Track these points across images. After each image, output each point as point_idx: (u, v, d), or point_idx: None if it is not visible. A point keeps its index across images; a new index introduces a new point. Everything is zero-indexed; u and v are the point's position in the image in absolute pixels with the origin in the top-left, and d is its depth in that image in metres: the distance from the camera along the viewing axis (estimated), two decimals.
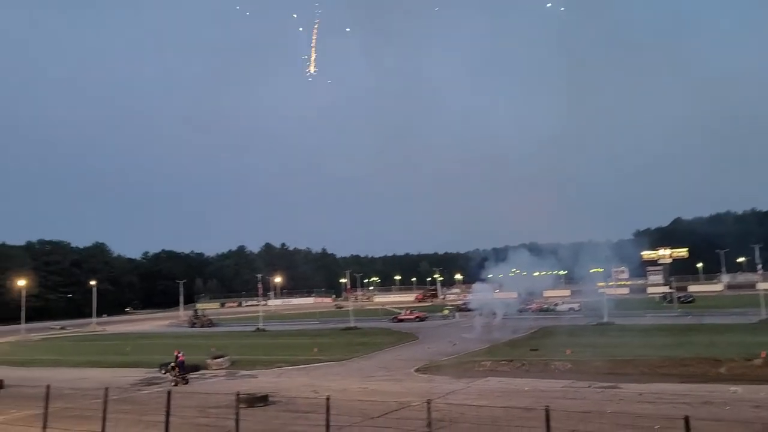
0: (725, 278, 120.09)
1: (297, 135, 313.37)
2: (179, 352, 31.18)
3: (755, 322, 47.56)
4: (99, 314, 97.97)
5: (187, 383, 29.74)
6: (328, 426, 11.58)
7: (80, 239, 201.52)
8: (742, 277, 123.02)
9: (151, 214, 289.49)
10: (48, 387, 15.09)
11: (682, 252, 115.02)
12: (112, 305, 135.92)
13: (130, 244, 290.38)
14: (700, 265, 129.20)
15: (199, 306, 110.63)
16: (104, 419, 13.71)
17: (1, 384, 27.69)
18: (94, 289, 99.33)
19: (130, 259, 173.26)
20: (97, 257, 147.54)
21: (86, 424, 16.11)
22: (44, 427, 14.50)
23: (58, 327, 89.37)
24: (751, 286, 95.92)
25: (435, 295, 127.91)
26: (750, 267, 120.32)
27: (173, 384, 29.05)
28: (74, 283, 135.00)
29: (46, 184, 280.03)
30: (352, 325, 63.03)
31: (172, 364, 30.71)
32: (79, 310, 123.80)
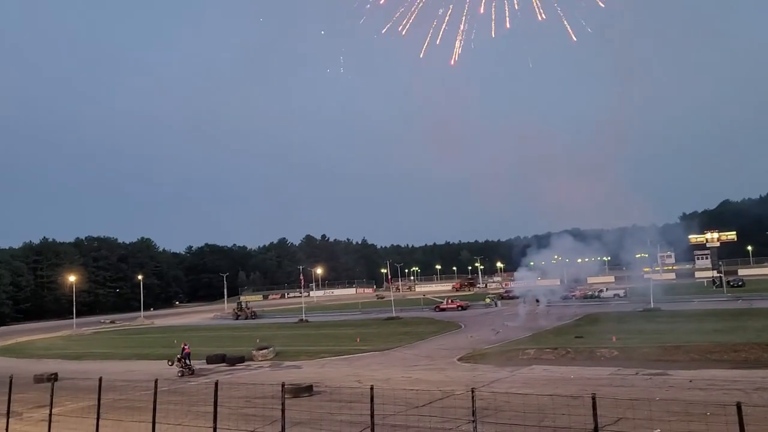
0: None
1: (336, 131, 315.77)
2: (185, 345, 33.03)
3: None
4: (146, 308, 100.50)
5: (192, 373, 31.44)
6: (372, 415, 11.62)
7: (126, 235, 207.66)
8: None
9: (193, 209, 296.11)
10: (100, 379, 15.52)
11: (731, 235, 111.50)
12: (158, 299, 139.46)
13: (174, 239, 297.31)
14: (749, 248, 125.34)
15: (242, 298, 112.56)
16: (155, 410, 14.04)
17: (55, 377, 28.61)
18: (141, 284, 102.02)
19: (174, 254, 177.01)
20: (143, 252, 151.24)
21: (138, 414, 16.54)
22: (98, 418, 14.92)
23: (108, 321, 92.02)
24: None
25: (473, 284, 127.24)
26: None
27: (179, 374, 31.13)
28: (122, 278, 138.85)
29: (92, 183, 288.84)
30: (394, 315, 63.21)
31: (179, 356, 32.58)
32: (128, 304, 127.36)
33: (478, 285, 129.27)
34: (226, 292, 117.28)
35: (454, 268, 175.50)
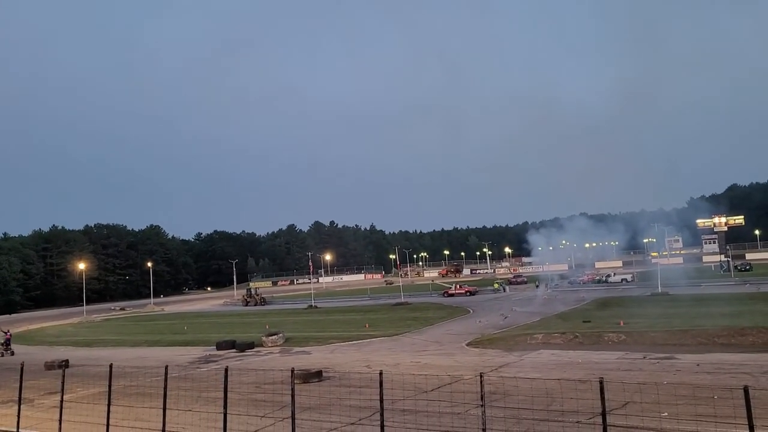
0: None
1: (344, 119, 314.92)
2: (7, 332, 40.93)
3: None
4: (156, 295, 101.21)
5: (12, 355, 37.52)
6: (381, 400, 11.69)
7: (135, 222, 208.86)
8: None
9: (202, 196, 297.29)
10: (111, 366, 15.64)
11: (739, 219, 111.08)
12: (168, 285, 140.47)
13: (184, 226, 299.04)
14: (757, 232, 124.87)
15: (252, 285, 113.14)
16: (165, 396, 14.15)
17: (66, 364, 28.89)
18: (151, 270, 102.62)
19: (184, 241, 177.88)
20: (152, 239, 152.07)
21: (148, 401, 16.70)
22: (108, 404, 15.05)
23: (118, 308, 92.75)
24: None
25: (459, 270, 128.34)
26: None
27: (1, 355, 37.47)
28: (131, 265, 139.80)
29: (100, 171, 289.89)
30: (402, 300, 63.40)
31: (1, 341, 39.84)
32: (137, 291, 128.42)
33: (482, 270, 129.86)
34: (235, 279, 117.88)
35: (462, 253, 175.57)
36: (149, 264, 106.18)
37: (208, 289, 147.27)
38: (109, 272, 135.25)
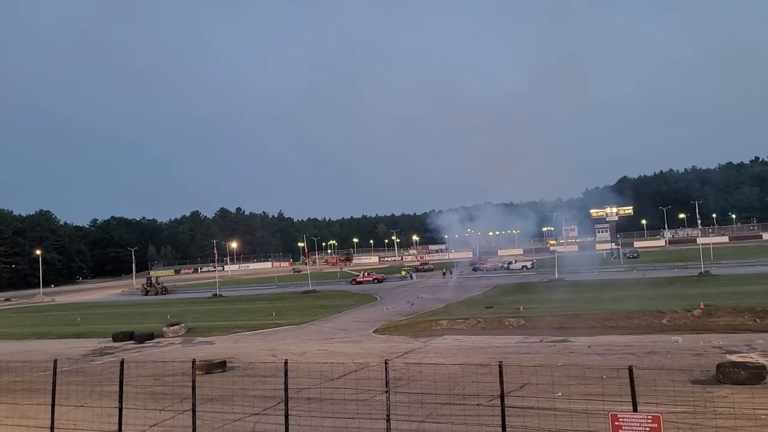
0: (668, 234, 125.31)
1: (248, 105, 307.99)
2: None
3: (695, 275, 49.52)
4: (46, 284, 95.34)
5: None
6: (287, 389, 11.56)
7: (23, 207, 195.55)
8: (683, 233, 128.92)
9: (97, 180, 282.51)
10: None
11: (628, 209, 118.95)
12: (60, 275, 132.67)
13: (77, 212, 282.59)
14: (644, 221, 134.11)
15: (152, 273, 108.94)
16: (54, 391, 13.32)
17: None
18: (40, 259, 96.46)
19: (77, 227, 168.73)
20: (42, 225, 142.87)
21: (36, 397, 15.74)
22: None
23: (3, 299, 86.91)
24: (692, 241, 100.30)
25: (349, 259, 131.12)
26: (691, 223, 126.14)
27: None
28: (18, 253, 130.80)
29: None
30: (310, 288, 63.11)
31: None
32: (25, 281, 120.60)
33: (390, 258, 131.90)
34: (134, 267, 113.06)
35: (371, 241, 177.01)
36: (38, 252, 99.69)
37: (81, 280, 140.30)
38: None
